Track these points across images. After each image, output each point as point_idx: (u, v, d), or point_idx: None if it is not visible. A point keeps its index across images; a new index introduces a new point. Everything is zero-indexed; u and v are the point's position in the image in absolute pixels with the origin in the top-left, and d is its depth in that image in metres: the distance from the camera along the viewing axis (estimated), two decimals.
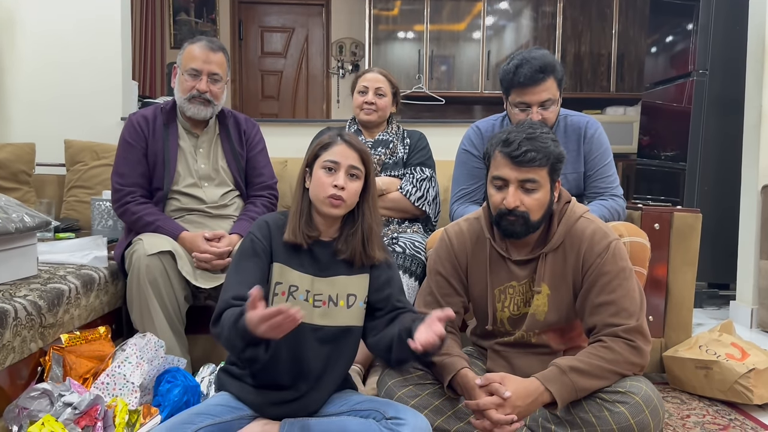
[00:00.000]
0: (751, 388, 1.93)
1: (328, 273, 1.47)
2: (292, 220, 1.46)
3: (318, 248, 1.47)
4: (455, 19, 5.34)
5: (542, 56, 1.93)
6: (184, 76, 2.06)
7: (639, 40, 5.27)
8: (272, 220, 1.50)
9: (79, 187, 2.85)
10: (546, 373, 1.40)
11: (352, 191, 1.44)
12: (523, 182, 1.46)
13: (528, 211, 1.46)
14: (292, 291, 1.44)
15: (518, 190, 1.46)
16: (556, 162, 1.48)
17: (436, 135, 2.67)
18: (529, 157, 1.43)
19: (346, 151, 1.45)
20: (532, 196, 1.46)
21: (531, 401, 1.37)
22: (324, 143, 1.48)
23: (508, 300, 1.57)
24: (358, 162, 1.45)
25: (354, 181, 1.45)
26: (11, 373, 1.51)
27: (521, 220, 1.47)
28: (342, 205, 1.43)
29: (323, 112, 6.25)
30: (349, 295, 1.47)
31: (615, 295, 1.45)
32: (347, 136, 1.48)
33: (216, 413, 1.36)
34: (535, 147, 1.44)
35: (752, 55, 3.11)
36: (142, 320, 1.87)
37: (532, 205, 1.46)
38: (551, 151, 1.46)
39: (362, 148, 1.47)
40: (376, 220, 1.51)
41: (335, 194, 1.42)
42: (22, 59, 3.28)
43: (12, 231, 1.61)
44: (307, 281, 1.45)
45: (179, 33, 5.97)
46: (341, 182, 1.42)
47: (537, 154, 1.44)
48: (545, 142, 1.46)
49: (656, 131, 4.12)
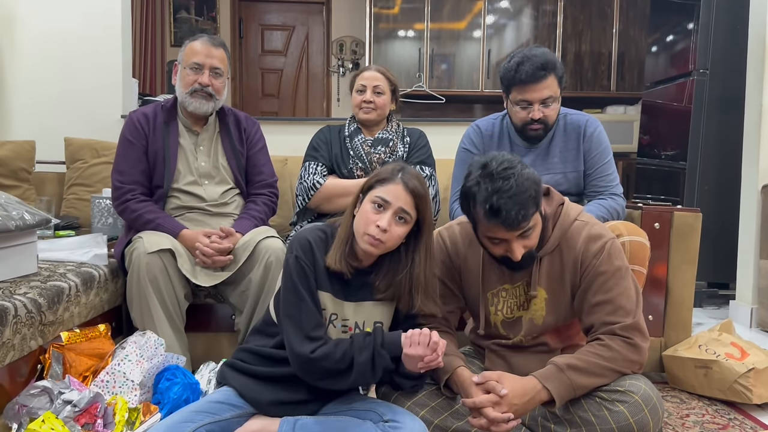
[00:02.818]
0: (751, 388, 1.93)
1: (356, 298, 1.44)
2: (338, 247, 1.40)
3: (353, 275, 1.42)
4: (456, 17, 5.34)
5: (543, 54, 1.93)
6: (185, 71, 2.06)
7: (639, 39, 5.27)
8: (314, 239, 1.42)
9: (79, 185, 2.84)
10: (544, 372, 1.40)
11: (395, 235, 1.37)
12: (521, 235, 1.41)
13: (532, 250, 1.46)
14: (333, 320, 1.43)
15: (518, 243, 1.42)
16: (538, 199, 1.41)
17: (437, 134, 2.67)
18: (521, 217, 1.34)
19: (399, 192, 1.37)
20: (530, 240, 1.44)
21: (528, 399, 1.37)
22: (382, 177, 1.40)
23: (501, 303, 1.57)
24: (410, 207, 1.37)
25: (401, 225, 1.38)
26: (11, 371, 1.51)
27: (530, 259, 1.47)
28: (380, 247, 1.37)
29: (323, 111, 6.24)
30: (375, 323, 1.46)
31: (612, 294, 1.45)
32: (407, 176, 1.39)
33: (215, 411, 1.36)
34: (520, 204, 1.34)
35: (753, 55, 3.11)
36: (142, 318, 1.87)
37: (532, 245, 1.45)
38: (533, 196, 1.37)
39: (420, 193, 1.38)
40: (428, 269, 1.42)
41: (375, 234, 1.35)
42: (22, 56, 3.28)
43: (12, 229, 1.61)
44: (337, 306, 1.43)
45: (179, 31, 5.97)
46: (385, 224, 1.34)
47: (527, 212, 1.36)
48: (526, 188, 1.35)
49: (656, 130, 4.11)
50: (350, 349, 1.35)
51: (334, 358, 1.34)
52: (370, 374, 1.36)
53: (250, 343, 1.51)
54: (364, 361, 1.34)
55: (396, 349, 1.35)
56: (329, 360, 1.34)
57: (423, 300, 1.42)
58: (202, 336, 2.10)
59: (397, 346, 1.35)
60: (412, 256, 1.42)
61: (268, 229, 2.04)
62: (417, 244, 1.42)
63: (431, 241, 1.44)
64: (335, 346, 1.35)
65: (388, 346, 1.36)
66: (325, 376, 1.37)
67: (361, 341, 1.36)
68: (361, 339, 1.37)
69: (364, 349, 1.35)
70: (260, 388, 1.42)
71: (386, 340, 1.37)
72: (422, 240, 1.42)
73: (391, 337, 1.37)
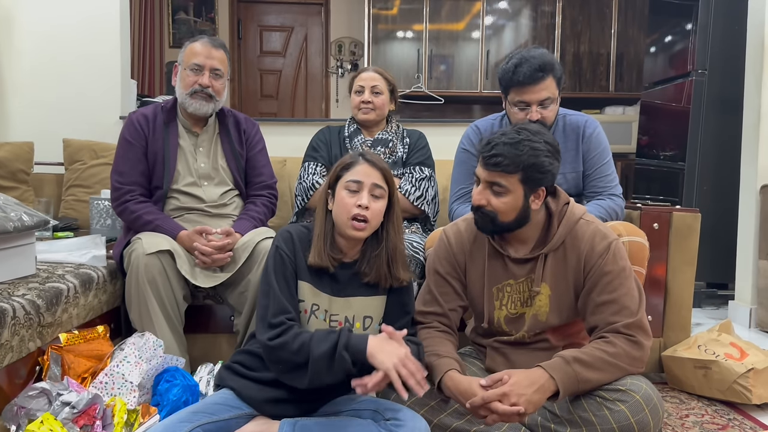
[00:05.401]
0: (750, 388, 1.93)
1: (345, 293, 1.46)
2: (316, 243, 1.44)
3: (338, 269, 1.46)
4: (454, 18, 5.34)
5: (541, 55, 1.93)
6: (186, 72, 2.06)
7: (638, 40, 5.27)
8: (296, 233, 1.47)
9: (77, 186, 2.84)
10: (550, 362, 1.40)
11: (377, 211, 1.42)
12: (490, 183, 1.46)
13: (495, 212, 1.47)
14: (314, 310, 1.44)
15: (486, 189, 1.47)
16: (533, 171, 1.43)
17: (436, 134, 2.67)
18: (494, 161, 1.43)
19: (368, 170, 1.43)
20: (499, 199, 1.46)
21: (536, 389, 1.35)
22: (345, 164, 1.46)
23: (507, 299, 1.57)
24: (381, 180, 1.43)
25: (378, 201, 1.43)
26: (9, 373, 1.51)
27: (488, 218, 1.48)
28: (366, 227, 1.41)
29: (322, 112, 6.24)
30: (365, 317, 1.47)
31: (616, 294, 1.45)
32: (369, 155, 1.46)
33: (213, 411, 1.36)
34: (505, 152, 1.42)
35: (751, 55, 3.11)
36: (140, 319, 1.86)
37: (499, 206, 1.46)
38: (523, 160, 1.42)
39: (384, 167, 1.45)
40: (401, 239, 1.48)
41: (359, 214, 1.39)
42: (20, 58, 3.27)
43: (10, 230, 1.61)
44: (324, 300, 1.45)
45: (178, 32, 5.96)
46: (365, 201, 1.40)
47: (504, 159, 1.41)
48: (521, 149, 1.42)
49: (655, 131, 4.12)
50: (309, 343, 1.31)
51: (290, 348, 1.31)
52: (326, 373, 1.30)
53: (249, 345, 1.51)
54: (319, 356, 1.29)
55: (360, 356, 1.29)
56: (286, 350, 1.32)
57: (402, 270, 1.47)
58: (201, 337, 2.10)
59: (362, 354, 1.29)
60: (386, 229, 1.47)
61: (267, 230, 2.04)
62: (388, 216, 1.47)
63: (399, 212, 1.50)
64: (295, 336, 1.32)
65: (353, 349, 1.30)
66: (286, 369, 1.34)
67: (321, 336, 1.32)
68: (323, 334, 1.33)
69: (322, 343, 1.30)
70: (258, 387, 1.42)
71: (351, 343, 1.30)
72: (393, 212, 1.47)
73: (357, 341, 1.31)
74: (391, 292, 1.50)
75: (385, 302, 1.49)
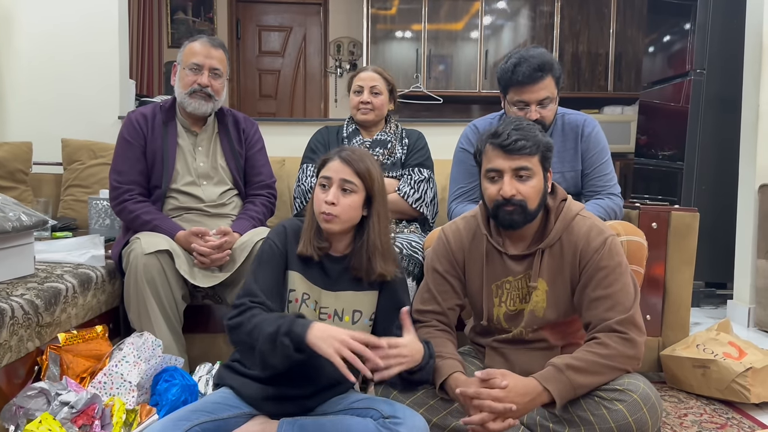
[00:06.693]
0: (749, 387, 1.93)
1: (336, 287, 1.49)
2: (304, 233, 1.48)
3: (328, 262, 1.49)
4: (453, 18, 5.34)
5: (540, 54, 1.93)
6: (185, 71, 2.06)
7: (637, 40, 5.27)
8: (290, 226, 1.52)
9: (76, 186, 2.84)
10: (543, 373, 1.40)
11: (345, 206, 1.44)
12: (517, 170, 1.48)
13: (525, 200, 1.48)
14: (305, 299, 1.47)
15: (513, 179, 1.48)
16: (546, 150, 1.51)
17: (434, 134, 2.67)
18: (519, 145, 1.46)
19: (338, 167, 1.46)
20: (527, 183, 1.48)
21: (529, 400, 1.36)
22: (324, 160, 1.50)
23: (506, 295, 1.58)
24: (351, 176, 1.45)
25: (348, 196, 1.44)
26: (8, 373, 1.50)
27: (519, 208, 1.48)
28: (335, 221, 1.44)
29: (321, 111, 6.24)
30: (354, 311, 1.49)
31: (611, 289, 1.46)
32: (346, 152, 1.47)
33: (212, 410, 1.35)
34: (524, 135, 1.48)
35: (749, 55, 3.12)
36: (139, 319, 1.86)
37: (528, 192, 1.48)
38: (540, 139, 1.50)
39: (354, 161, 1.45)
40: (384, 232, 1.49)
41: (325, 210, 1.43)
42: (19, 57, 3.27)
43: (9, 230, 1.60)
44: (315, 292, 1.48)
45: (177, 32, 5.96)
46: (330, 198, 1.43)
47: (527, 141, 1.47)
48: (533, 131, 1.50)
49: (654, 130, 4.12)
50: (260, 325, 1.30)
51: (245, 329, 1.32)
52: (271, 356, 1.27)
53: None
54: (263, 340, 1.28)
55: (302, 343, 1.26)
56: (241, 331, 1.33)
57: (382, 264, 1.47)
58: (200, 337, 2.09)
59: (303, 341, 1.26)
60: (368, 223, 1.48)
61: (266, 230, 2.03)
62: (370, 211, 1.48)
63: (384, 206, 1.49)
64: (250, 318, 1.33)
65: (294, 336, 1.26)
66: (243, 350, 1.38)
67: (271, 320, 1.30)
68: (273, 318, 1.31)
69: (268, 327, 1.28)
70: (257, 386, 1.42)
71: (293, 329, 1.26)
72: (374, 207, 1.47)
73: (299, 328, 1.27)
74: (384, 288, 1.51)
75: (376, 297, 1.51)
